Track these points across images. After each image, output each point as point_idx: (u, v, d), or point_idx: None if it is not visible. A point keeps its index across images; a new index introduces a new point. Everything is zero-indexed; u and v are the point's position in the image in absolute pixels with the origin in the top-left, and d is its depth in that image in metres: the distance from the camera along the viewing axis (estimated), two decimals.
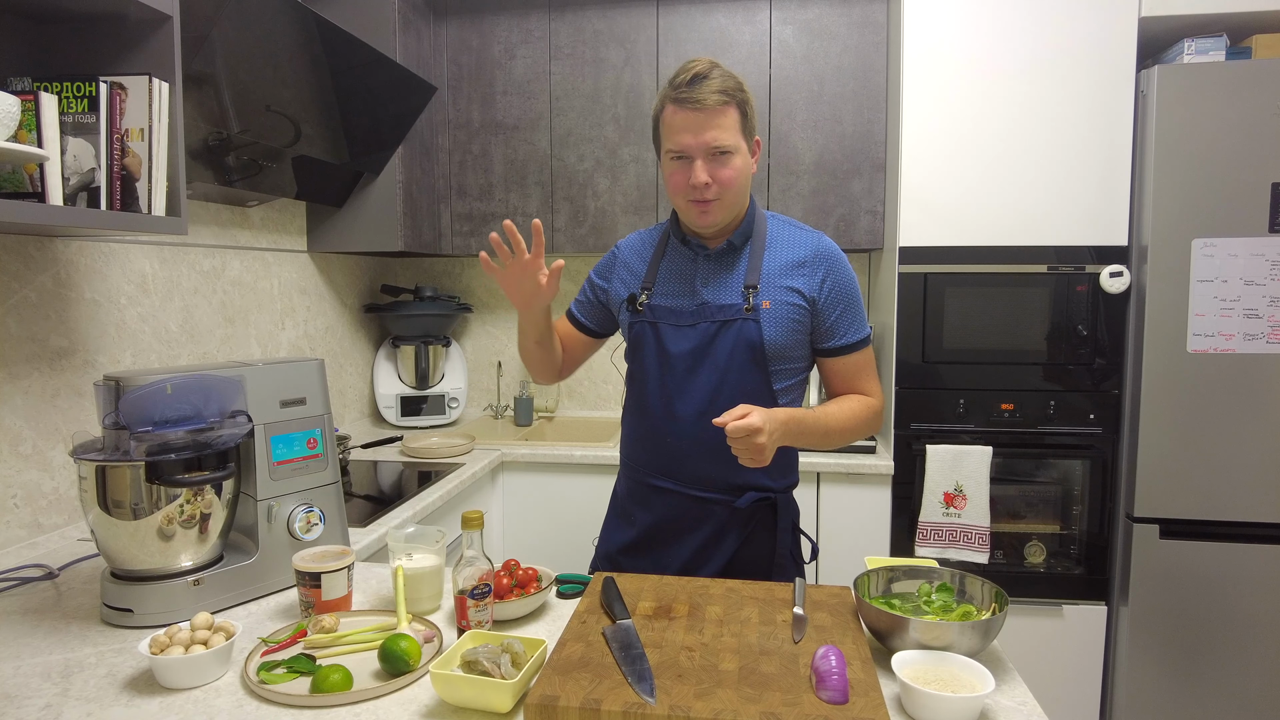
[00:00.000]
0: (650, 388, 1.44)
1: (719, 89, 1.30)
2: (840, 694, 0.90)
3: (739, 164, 1.34)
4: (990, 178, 2.25)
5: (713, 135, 1.30)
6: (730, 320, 1.38)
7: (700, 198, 1.34)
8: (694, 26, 2.59)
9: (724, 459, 1.29)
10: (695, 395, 1.40)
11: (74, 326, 1.67)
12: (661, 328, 1.42)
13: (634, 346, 1.48)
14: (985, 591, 1.12)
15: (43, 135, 1.23)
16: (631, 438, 1.52)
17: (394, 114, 2.37)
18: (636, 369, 1.48)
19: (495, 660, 0.95)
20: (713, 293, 1.41)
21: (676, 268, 1.46)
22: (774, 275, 1.41)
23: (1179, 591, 2.15)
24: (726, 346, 1.38)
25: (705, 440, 1.36)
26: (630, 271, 1.51)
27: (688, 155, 1.33)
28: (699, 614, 1.13)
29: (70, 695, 0.98)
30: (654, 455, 1.47)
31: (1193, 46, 2.14)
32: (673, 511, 1.46)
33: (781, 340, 1.39)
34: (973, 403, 2.30)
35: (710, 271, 1.43)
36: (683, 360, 1.41)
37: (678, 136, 1.32)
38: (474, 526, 1.11)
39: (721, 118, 1.31)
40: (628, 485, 1.54)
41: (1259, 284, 2.06)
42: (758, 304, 1.38)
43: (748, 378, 1.39)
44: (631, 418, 1.51)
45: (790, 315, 1.39)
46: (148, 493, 1.16)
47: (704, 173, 1.32)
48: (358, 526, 1.70)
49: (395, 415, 2.84)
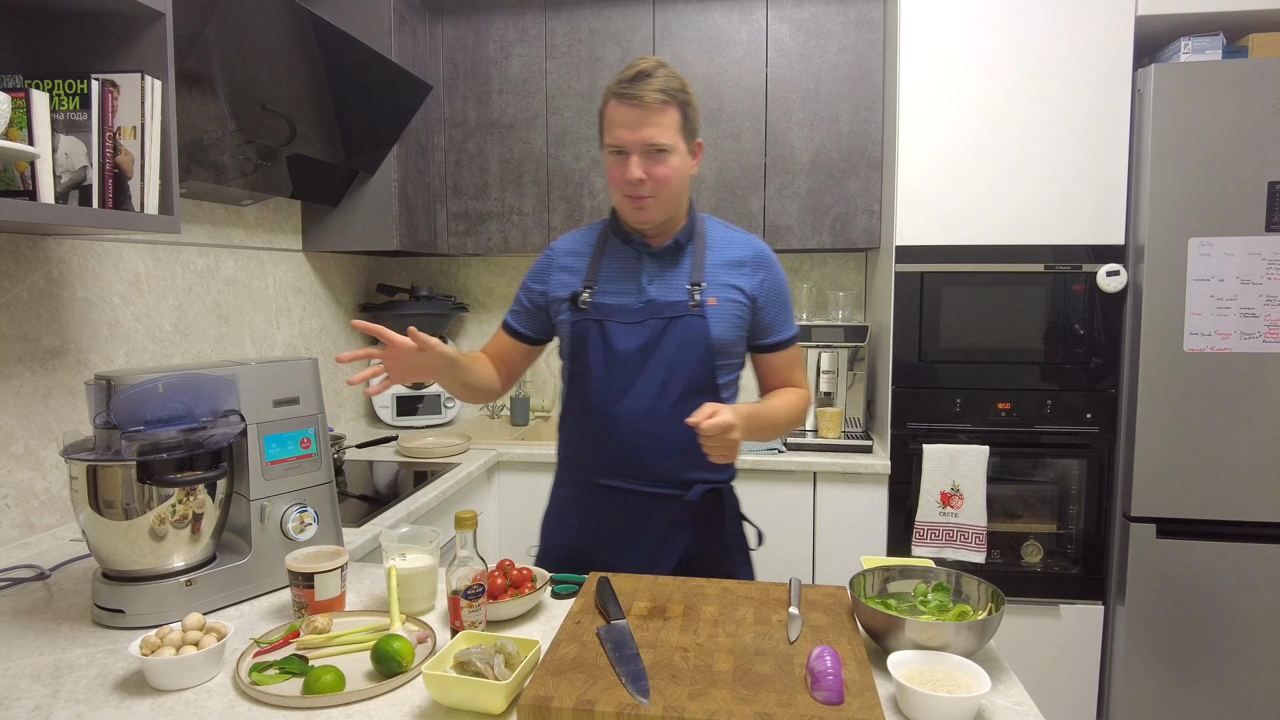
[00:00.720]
0: (596, 386, 1.44)
1: (660, 88, 1.33)
2: (835, 694, 0.89)
3: (675, 163, 1.37)
4: (987, 176, 2.24)
5: (649, 132, 1.34)
6: (678, 316, 1.41)
7: (635, 193, 1.37)
8: (690, 25, 2.58)
9: (674, 454, 1.36)
10: (643, 392, 1.42)
11: (66, 325, 1.66)
12: (607, 325, 1.43)
13: (577, 345, 1.46)
14: (981, 591, 1.12)
15: (34, 133, 1.22)
16: (575, 439, 1.52)
17: (389, 113, 2.36)
18: (579, 368, 1.47)
19: (489, 661, 0.94)
20: (659, 290, 1.43)
21: (619, 266, 1.47)
22: (717, 273, 1.45)
23: (1176, 591, 2.15)
24: (675, 342, 1.41)
25: (655, 436, 1.41)
26: (569, 271, 1.50)
27: (625, 150, 1.36)
28: (694, 614, 1.13)
29: (60, 696, 0.97)
30: (601, 455, 1.46)
31: (1189, 45, 2.14)
32: (626, 511, 1.46)
33: (727, 336, 1.43)
34: (969, 402, 2.30)
35: (655, 269, 1.45)
36: (631, 357, 1.42)
37: (617, 131, 1.36)
38: (467, 526, 1.11)
39: (660, 116, 1.34)
40: (573, 489, 1.53)
41: (1255, 283, 2.05)
42: (704, 300, 1.42)
43: (695, 373, 1.42)
44: (576, 417, 1.50)
45: (734, 312, 1.44)
46: (139, 493, 1.15)
47: (639, 168, 1.35)
48: (352, 526, 1.69)
49: (391, 415, 2.83)
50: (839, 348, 2.54)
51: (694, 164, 1.44)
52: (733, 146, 2.59)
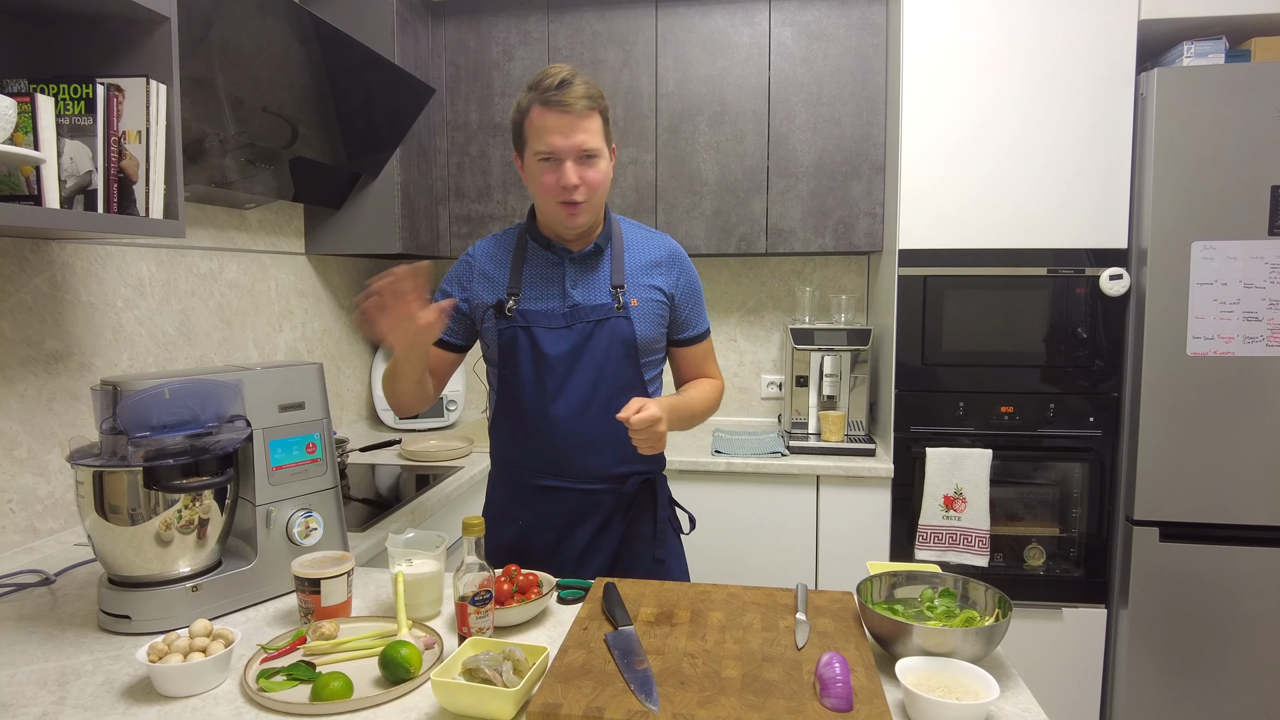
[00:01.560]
0: (526, 390, 1.48)
1: (584, 95, 1.37)
2: (845, 701, 0.89)
3: (604, 167, 1.42)
4: (990, 180, 2.25)
5: (582, 138, 1.37)
6: (604, 319, 1.46)
7: (570, 199, 1.40)
8: (692, 28, 2.58)
9: (607, 450, 1.46)
10: (574, 394, 1.47)
11: (70, 330, 1.65)
12: (535, 331, 1.46)
13: (505, 351, 1.49)
14: (988, 597, 1.12)
15: (39, 137, 1.21)
16: (508, 442, 1.55)
17: (392, 115, 2.36)
18: (509, 374, 1.50)
19: (497, 668, 0.94)
20: (583, 294, 1.48)
21: (541, 272, 1.50)
22: (636, 274, 1.51)
23: (1179, 594, 2.15)
24: (602, 344, 1.46)
25: (588, 435, 1.47)
26: (489, 279, 1.52)
27: (557, 157, 1.38)
28: (701, 620, 1.13)
29: (67, 703, 0.97)
30: (536, 457, 1.51)
31: (1192, 49, 2.14)
32: (562, 507, 1.52)
33: (650, 334, 1.50)
34: (972, 405, 2.30)
35: (577, 274, 1.49)
36: (560, 361, 1.46)
37: (548, 138, 1.37)
38: (474, 533, 1.11)
39: (588, 121, 1.38)
40: (508, 490, 1.57)
41: (1259, 287, 2.06)
42: (627, 302, 1.47)
43: (623, 372, 1.48)
44: (507, 422, 1.54)
45: (655, 311, 1.51)
46: (145, 498, 1.15)
47: (574, 174, 1.38)
48: (356, 530, 1.69)
49: (393, 418, 2.82)
50: (841, 351, 2.53)
51: (611, 170, 1.48)
52: (735, 149, 2.59)
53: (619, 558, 1.55)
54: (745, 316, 2.97)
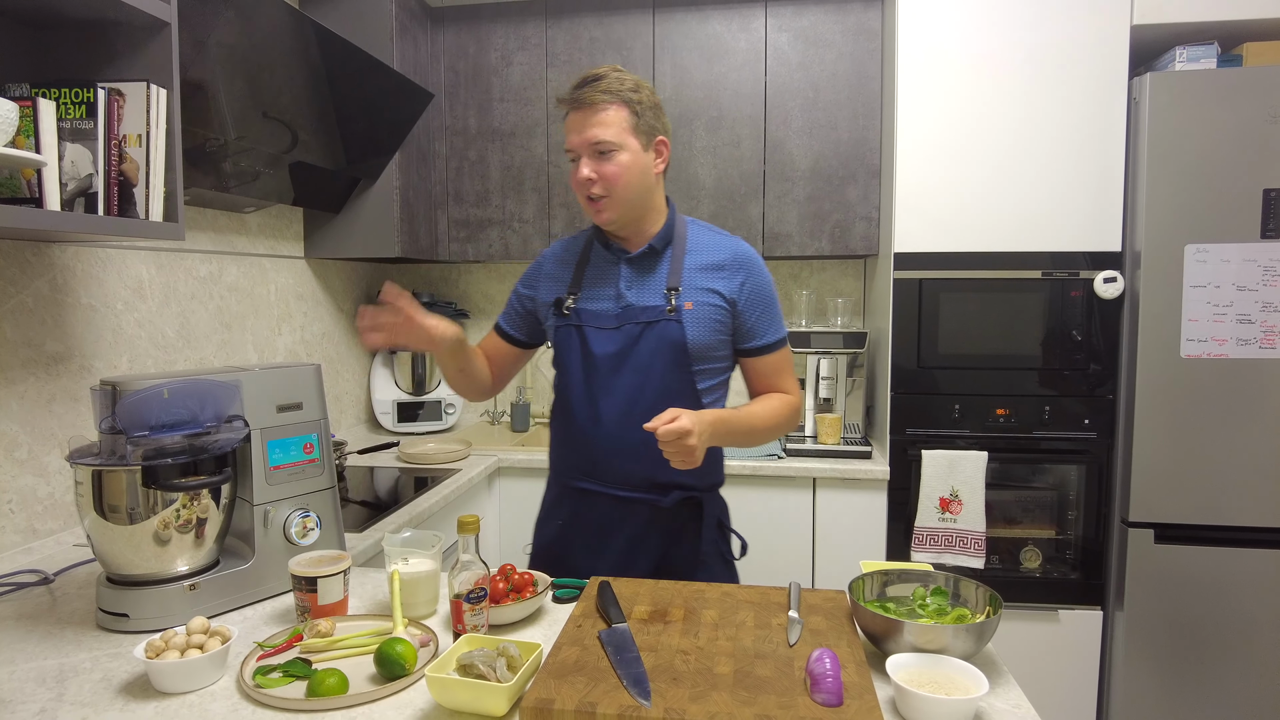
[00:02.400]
0: (574, 390, 1.47)
1: (604, 89, 1.36)
2: (835, 696, 0.90)
3: (625, 160, 1.38)
4: (985, 184, 2.26)
5: (593, 132, 1.36)
6: (653, 321, 1.42)
7: (588, 193, 1.40)
8: (689, 34, 2.60)
9: (647, 459, 1.34)
10: (618, 396, 1.43)
11: (70, 332, 1.67)
12: (586, 330, 1.45)
13: (559, 350, 1.50)
14: (979, 595, 1.12)
15: (40, 141, 1.23)
16: (557, 441, 1.55)
17: (391, 120, 2.38)
18: (561, 373, 1.51)
19: (491, 664, 0.95)
20: (636, 295, 1.45)
21: (600, 272, 1.50)
22: (694, 277, 1.45)
23: (1174, 596, 2.15)
24: (649, 347, 1.42)
25: (628, 441, 1.40)
26: (554, 279, 1.53)
27: (576, 154, 1.40)
28: (694, 618, 1.13)
29: (65, 700, 0.98)
30: (579, 458, 1.50)
31: (1184, 54, 2.16)
32: (596, 513, 1.48)
33: (704, 340, 1.43)
34: (968, 408, 2.31)
35: (632, 275, 1.47)
36: (606, 362, 1.43)
37: (568, 137, 1.41)
38: (470, 531, 1.12)
39: (603, 114, 1.36)
40: (555, 490, 1.57)
41: (1251, 289, 2.07)
42: (680, 305, 1.42)
43: (671, 378, 1.42)
44: (557, 421, 1.54)
45: (712, 315, 1.43)
46: (144, 497, 1.16)
47: (586, 168, 1.38)
48: (354, 532, 1.70)
49: (392, 421, 2.84)
50: (838, 354, 2.55)
51: (658, 162, 1.44)
52: (732, 154, 2.61)
53: (656, 576, 1.45)
54: None
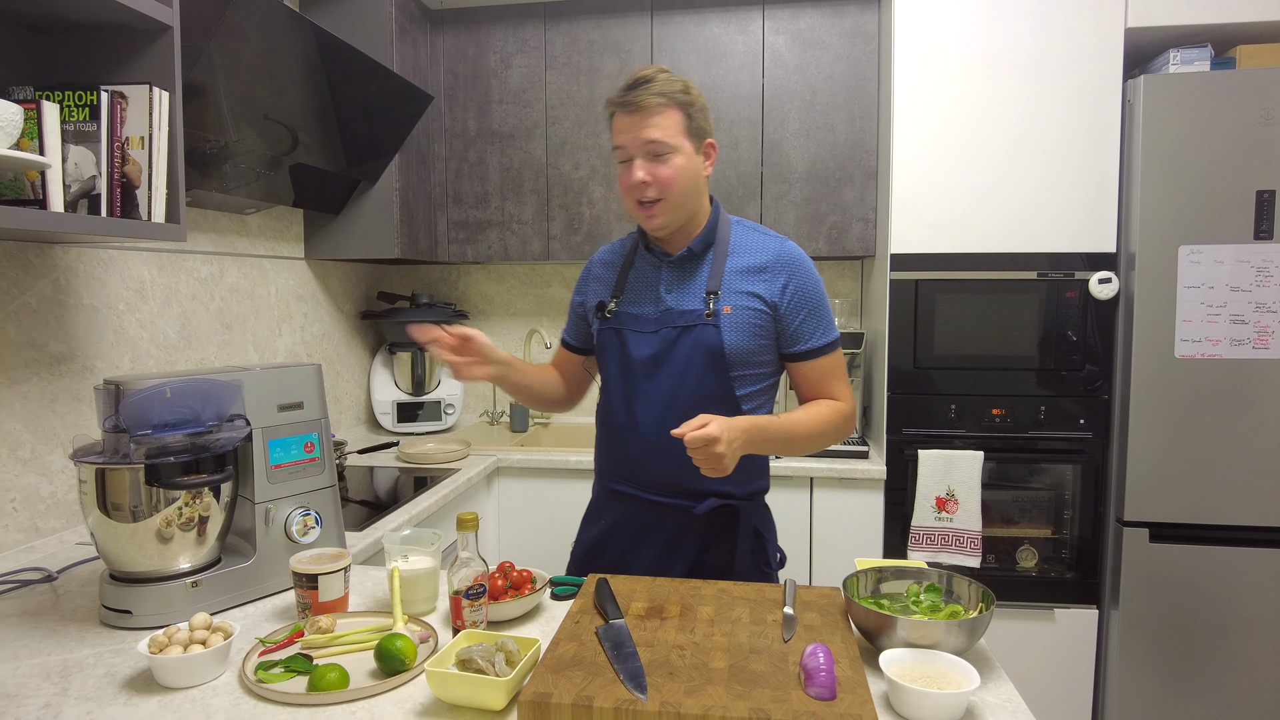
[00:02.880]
0: (613, 393, 1.48)
1: (658, 91, 1.33)
2: (828, 690, 0.91)
3: (679, 163, 1.36)
4: (981, 185, 2.28)
5: (648, 133, 1.34)
6: (690, 326, 1.40)
7: (641, 197, 1.37)
8: (687, 36, 2.62)
9: (681, 465, 1.30)
10: (653, 400, 1.43)
11: (73, 332, 1.68)
12: (625, 334, 1.46)
13: (600, 353, 1.52)
14: (972, 592, 1.14)
15: (44, 143, 1.24)
16: (600, 443, 1.57)
17: (391, 122, 2.39)
18: (602, 375, 1.52)
19: (490, 659, 0.96)
20: (676, 299, 1.44)
21: (642, 276, 1.50)
22: (734, 280, 1.42)
23: (1169, 595, 2.17)
24: (686, 352, 1.40)
25: (662, 445, 1.36)
26: (600, 282, 1.55)
27: (628, 156, 1.37)
28: (691, 614, 1.15)
29: (69, 694, 1.00)
30: (616, 461, 1.51)
31: (1178, 57, 2.17)
32: (629, 516, 1.49)
33: (743, 345, 1.40)
34: (964, 408, 2.32)
35: (673, 278, 1.45)
36: (643, 365, 1.43)
37: (619, 137, 1.38)
38: (469, 528, 1.13)
39: (658, 117, 1.34)
40: (598, 491, 1.59)
41: (1245, 290, 2.08)
42: (718, 309, 1.39)
43: (708, 383, 1.40)
44: (599, 424, 1.56)
45: (751, 320, 1.40)
46: (147, 495, 1.18)
47: (641, 170, 1.35)
48: (354, 531, 1.71)
49: (391, 421, 2.85)
50: None
51: (707, 165, 1.43)
52: (730, 156, 2.62)
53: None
54: None
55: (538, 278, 3.11)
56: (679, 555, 1.46)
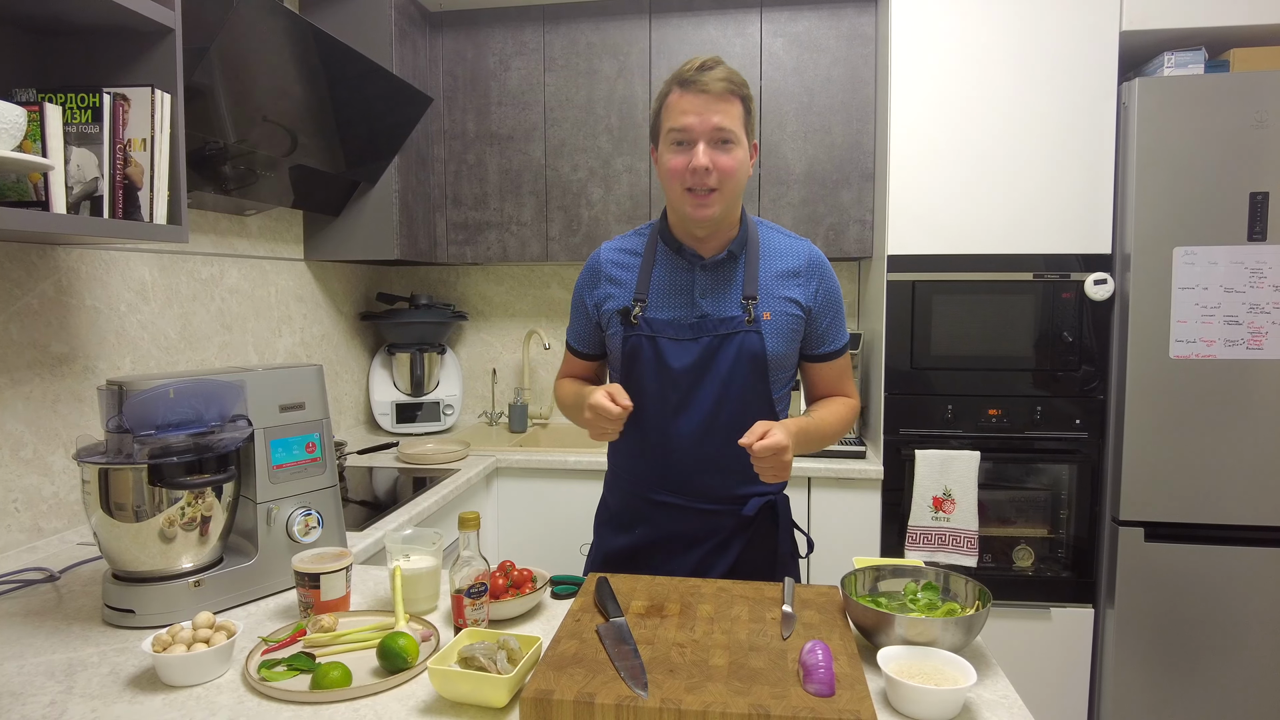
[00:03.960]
0: (649, 403, 1.41)
1: (725, 77, 1.30)
2: (827, 687, 0.92)
3: (740, 156, 1.33)
4: (977, 187, 2.29)
5: (718, 119, 1.29)
6: (733, 333, 1.37)
7: (700, 183, 1.31)
8: (686, 38, 2.63)
9: (728, 471, 1.33)
10: (697, 410, 1.39)
11: (74, 333, 1.69)
12: (660, 342, 1.39)
13: (629, 361, 1.42)
14: (969, 590, 1.15)
15: (47, 145, 1.25)
16: (628, 453, 1.49)
17: (390, 124, 2.40)
18: (631, 384, 1.41)
19: (491, 656, 0.97)
20: (712, 305, 1.39)
21: (671, 278, 1.42)
22: (771, 285, 1.40)
23: (1164, 593, 2.18)
24: (729, 360, 1.37)
25: (710, 455, 1.38)
26: (617, 284, 1.46)
27: (690, 139, 1.30)
28: (690, 612, 1.16)
29: (74, 692, 1.00)
30: (655, 471, 1.45)
31: (1172, 59, 2.19)
32: (678, 525, 1.45)
33: (782, 350, 1.40)
34: (961, 408, 2.33)
35: (708, 283, 1.40)
36: (685, 375, 1.38)
37: (682, 118, 1.30)
38: (470, 527, 1.14)
39: (727, 104, 1.30)
40: (623, 499, 1.52)
41: (1239, 291, 2.10)
42: (758, 315, 1.37)
43: (750, 390, 1.39)
44: (628, 435, 1.41)
45: (789, 325, 1.40)
46: (149, 495, 1.18)
47: (706, 156, 1.29)
48: (354, 531, 1.72)
49: (391, 422, 2.86)
50: None
51: (751, 164, 1.39)
52: None
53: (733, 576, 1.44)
54: None
55: (536, 279, 3.12)
56: (725, 556, 1.45)
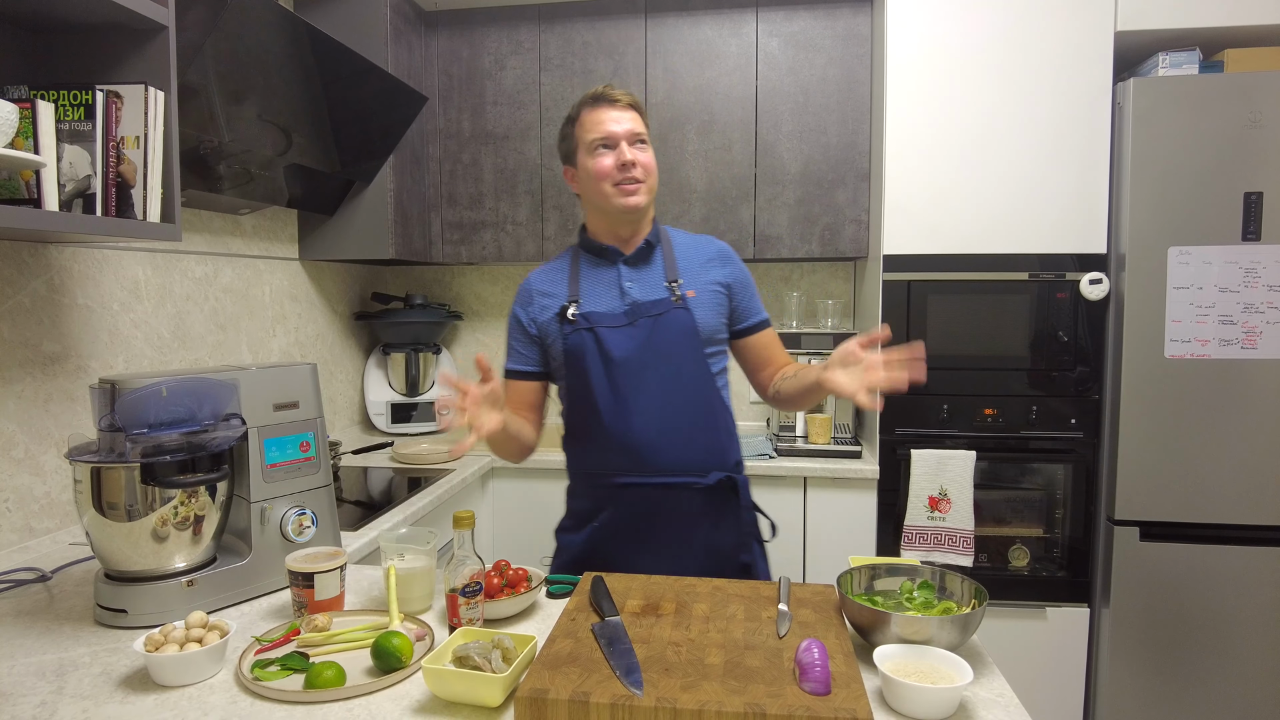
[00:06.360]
0: (599, 394, 1.48)
1: (626, 94, 1.52)
2: (822, 685, 0.92)
3: (652, 155, 1.53)
4: (972, 187, 2.29)
5: (632, 126, 1.49)
6: (663, 313, 1.49)
7: (628, 177, 1.47)
8: (681, 38, 2.63)
9: (686, 445, 1.47)
10: (647, 388, 1.48)
11: (67, 332, 1.68)
12: (600, 332, 1.48)
13: (574, 357, 1.49)
14: (965, 588, 1.15)
15: (39, 142, 1.24)
16: (586, 451, 1.54)
17: (385, 123, 2.39)
18: (579, 380, 1.50)
19: (486, 655, 0.97)
20: (640, 292, 1.51)
21: (598, 277, 1.55)
22: (692, 270, 1.55)
23: (1159, 593, 2.19)
24: (667, 338, 1.49)
25: (667, 429, 1.48)
26: (548, 295, 1.56)
27: (613, 142, 1.48)
28: (686, 611, 1.15)
29: (65, 693, 1.00)
30: (616, 456, 1.50)
31: (1167, 60, 2.20)
32: (646, 505, 1.50)
33: (711, 324, 1.53)
34: (956, 408, 2.33)
35: (632, 273, 1.53)
36: (629, 359, 1.48)
37: (603, 126, 1.48)
38: (465, 526, 1.14)
39: (634, 113, 1.52)
40: (587, 494, 1.57)
41: (1233, 291, 2.10)
42: (684, 295, 1.51)
43: (690, 363, 1.50)
44: (585, 428, 1.52)
45: (715, 300, 1.54)
46: (142, 494, 1.18)
47: (630, 153, 1.47)
48: (349, 530, 1.71)
49: (385, 422, 2.85)
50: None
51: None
52: (723, 158, 2.64)
53: (703, 567, 1.47)
54: None
55: None
56: (696, 532, 1.51)
